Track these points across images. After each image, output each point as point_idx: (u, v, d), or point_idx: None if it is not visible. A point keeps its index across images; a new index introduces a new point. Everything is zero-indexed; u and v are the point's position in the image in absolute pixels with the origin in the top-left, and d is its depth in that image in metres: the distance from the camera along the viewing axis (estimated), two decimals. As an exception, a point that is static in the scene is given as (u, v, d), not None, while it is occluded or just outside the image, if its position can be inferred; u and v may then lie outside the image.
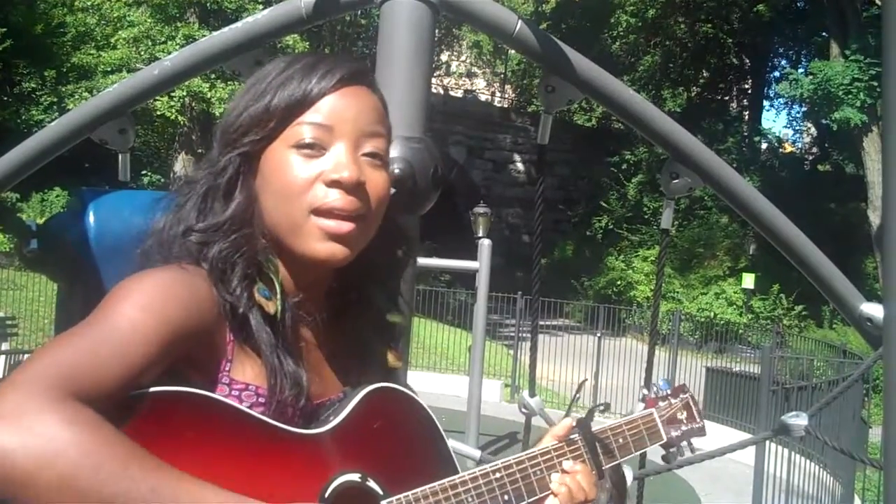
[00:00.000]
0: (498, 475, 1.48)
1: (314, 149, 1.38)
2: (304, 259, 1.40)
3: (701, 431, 1.84)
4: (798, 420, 2.74)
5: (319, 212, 1.37)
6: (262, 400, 1.33)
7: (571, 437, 1.61)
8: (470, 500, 1.41)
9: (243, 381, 1.33)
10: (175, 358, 1.23)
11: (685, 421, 1.81)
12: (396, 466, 1.39)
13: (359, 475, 1.33)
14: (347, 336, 1.53)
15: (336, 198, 1.37)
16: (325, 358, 1.49)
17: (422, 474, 1.40)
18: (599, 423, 1.66)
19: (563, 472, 1.56)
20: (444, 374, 18.64)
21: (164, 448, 1.16)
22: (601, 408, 1.67)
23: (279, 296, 1.37)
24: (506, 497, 1.47)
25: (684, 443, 1.82)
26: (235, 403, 1.28)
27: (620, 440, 1.69)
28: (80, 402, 1.07)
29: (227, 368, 1.32)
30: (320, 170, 1.38)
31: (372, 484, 1.35)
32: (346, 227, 1.38)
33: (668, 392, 1.82)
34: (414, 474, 1.39)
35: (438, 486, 1.39)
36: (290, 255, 1.41)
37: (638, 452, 1.72)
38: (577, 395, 1.76)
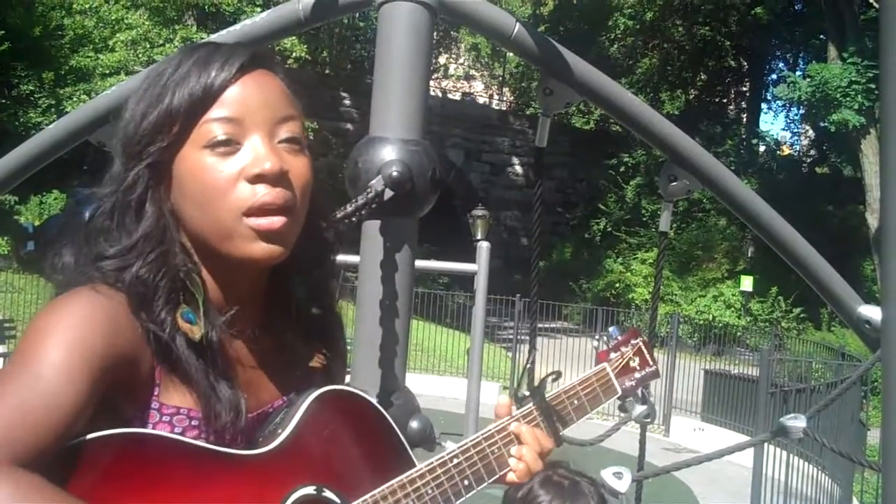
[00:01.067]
0: (456, 461, 1.46)
1: (228, 145, 1.30)
2: (240, 262, 1.33)
3: (655, 375, 1.83)
4: (796, 422, 2.73)
5: (249, 211, 1.29)
6: (194, 423, 1.28)
7: (526, 406, 1.61)
8: (430, 491, 1.40)
9: (174, 404, 1.27)
10: (105, 389, 1.18)
11: (639, 367, 1.80)
12: (351, 471, 1.36)
13: (314, 488, 1.31)
14: (279, 336, 1.46)
15: (263, 192, 1.30)
16: (259, 364, 1.42)
17: (378, 474, 1.38)
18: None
19: (521, 444, 1.55)
20: (442, 377, 18.67)
21: (113, 493, 1.14)
22: (553, 377, 1.66)
23: (203, 318, 1.29)
24: (466, 482, 1.46)
25: (640, 390, 1.81)
26: (167, 431, 1.24)
27: (575, 402, 1.68)
28: (19, 468, 1.04)
29: (156, 393, 1.27)
30: (240, 166, 1.30)
31: (328, 494, 1.32)
32: (278, 222, 1.31)
33: (619, 339, 1.81)
34: (370, 476, 1.37)
35: (397, 483, 1.37)
36: (222, 261, 1.34)
37: (593, 411, 1.71)
38: (528, 365, 1.75)
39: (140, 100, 1.34)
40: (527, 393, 1.65)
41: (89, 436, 1.14)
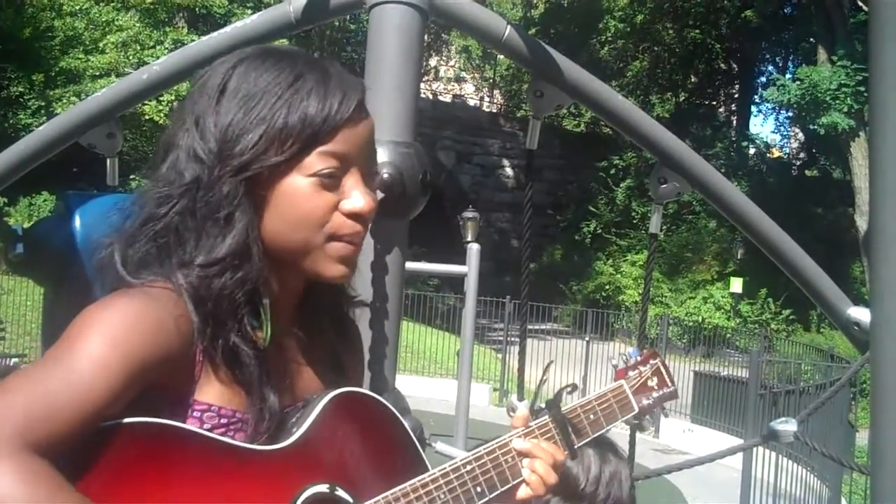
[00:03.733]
0: (469, 467, 1.46)
1: (332, 178, 1.35)
2: (310, 276, 1.40)
3: (673, 395, 1.83)
4: (787, 426, 2.75)
5: (336, 238, 1.37)
6: (223, 420, 1.29)
7: (542, 419, 1.60)
8: (442, 496, 1.40)
9: (206, 401, 1.29)
10: (140, 388, 1.19)
11: (656, 387, 1.80)
12: (365, 472, 1.37)
13: (327, 486, 1.31)
14: (308, 337, 1.49)
15: (353, 226, 1.37)
16: (290, 365, 1.45)
17: (392, 476, 1.38)
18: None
19: (533, 457, 1.55)
20: (432, 378, 18.64)
21: (128, 479, 1.16)
22: (569, 389, 1.66)
23: (268, 326, 1.34)
24: (478, 489, 1.45)
25: (657, 409, 1.81)
26: (195, 426, 1.26)
27: (591, 416, 1.68)
28: (34, 454, 1.05)
29: (192, 391, 1.28)
30: (338, 200, 1.36)
31: (341, 493, 1.32)
32: (356, 249, 1.40)
33: (638, 360, 1.81)
34: (384, 477, 1.37)
35: (409, 486, 1.37)
36: (289, 271, 1.39)
37: (609, 427, 1.71)
38: (545, 378, 1.75)
39: (239, 104, 1.34)
40: (542, 405, 1.64)
41: (109, 423, 1.15)
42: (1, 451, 1.04)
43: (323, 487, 1.31)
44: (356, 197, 1.37)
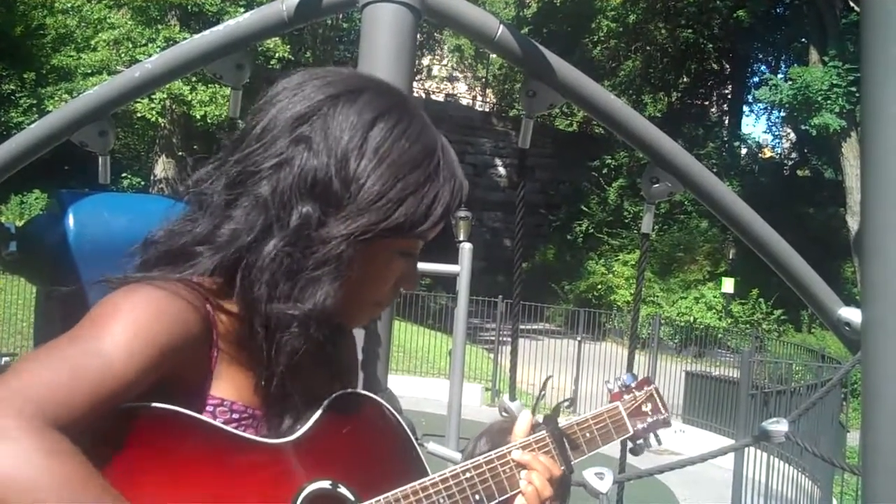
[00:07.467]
0: (469, 475, 1.47)
1: (412, 257, 1.41)
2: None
3: (666, 422, 1.84)
4: (778, 426, 2.75)
5: (379, 304, 1.45)
6: (235, 416, 1.32)
7: (539, 433, 1.62)
8: (441, 500, 1.41)
9: (219, 396, 1.31)
10: (160, 376, 1.20)
11: (650, 413, 1.81)
12: (367, 471, 1.39)
13: (329, 482, 1.33)
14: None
15: (395, 296, 1.45)
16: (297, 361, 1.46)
17: (392, 478, 1.40)
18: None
19: (530, 469, 1.56)
20: (424, 378, 18.66)
21: (135, 463, 1.17)
22: (566, 403, 1.67)
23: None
24: (476, 497, 1.46)
25: (651, 434, 1.82)
26: (208, 418, 1.27)
27: (587, 434, 1.69)
28: (54, 429, 1.05)
29: (206, 385, 1.30)
30: (399, 274, 1.41)
31: (343, 490, 1.34)
32: (382, 311, 1.48)
33: (633, 385, 1.83)
34: (385, 478, 1.39)
35: (410, 488, 1.39)
36: None
37: (605, 445, 1.73)
38: (543, 393, 1.75)
39: (393, 175, 1.32)
40: (540, 420, 1.65)
41: (130, 405, 1.17)
42: (21, 422, 1.03)
43: (325, 484, 1.33)
44: (413, 277, 1.44)
